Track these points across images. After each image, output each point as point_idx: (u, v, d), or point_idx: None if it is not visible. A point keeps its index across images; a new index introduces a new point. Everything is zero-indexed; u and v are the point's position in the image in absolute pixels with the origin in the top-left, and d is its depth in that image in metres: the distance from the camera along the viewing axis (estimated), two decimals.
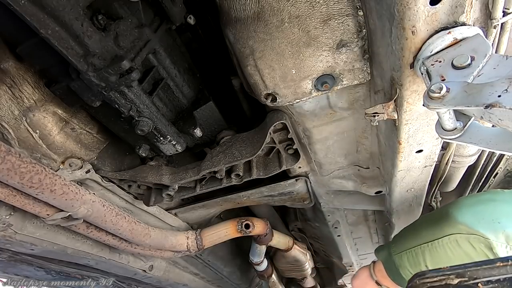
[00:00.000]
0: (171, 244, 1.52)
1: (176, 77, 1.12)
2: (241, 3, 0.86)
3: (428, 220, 1.22)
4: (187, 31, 1.19)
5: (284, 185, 1.53)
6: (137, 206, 1.46)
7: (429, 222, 1.20)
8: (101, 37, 0.81)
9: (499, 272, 0.41)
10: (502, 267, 0.42)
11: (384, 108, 0.87)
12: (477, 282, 0.42)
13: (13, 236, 1.01)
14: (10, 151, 0.76)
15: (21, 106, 0.96)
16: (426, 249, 1.17)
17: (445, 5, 0.64)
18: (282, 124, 1.19)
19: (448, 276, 0.44)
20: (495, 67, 0.60)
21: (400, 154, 1.06)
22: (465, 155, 1.28)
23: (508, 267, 0.41)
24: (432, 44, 0.68)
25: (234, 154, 1.23)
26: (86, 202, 1.00)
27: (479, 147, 0.65)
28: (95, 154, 1.20)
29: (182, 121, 1.19)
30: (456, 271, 0.44)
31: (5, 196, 0.86)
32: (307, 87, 0.96)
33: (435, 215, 1.22)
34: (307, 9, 0.83)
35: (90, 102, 0.90)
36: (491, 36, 0.76)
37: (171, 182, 1.31)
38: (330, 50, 0.88)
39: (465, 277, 0.43)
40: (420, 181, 1.29)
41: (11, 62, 0.90)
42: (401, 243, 1.26)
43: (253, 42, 0.90)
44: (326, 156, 1.38)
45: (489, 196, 1.21)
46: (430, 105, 0.62)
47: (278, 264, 2.18)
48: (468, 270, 0.43)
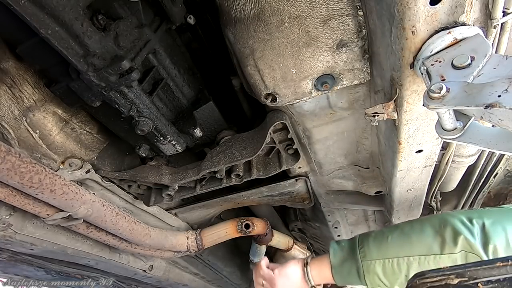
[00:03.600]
0: (171, 244, 1.52)
1: (176, 77, 1.12)
2: (241, 3, 0.86)
3: (422, 229, 1.11)
4: (187, 31, 1.19)
5: (284, 185, 1.53)
6: (137, 206, 1.46)
7: (424, 232, 1.09)
8: (101, 37, 0.81)
9: (499, 272, 0.41)
10: (502, 267, 0.42)
11: (384, 108, 0.87)
12: (477, 282, 0.42)
13: (13, 236, 1.01)
14: (10, 151, 0.76)
15: (21, 106, 0.96)
16: (415, 263, 1.08)
17: (445, 5, 0.64)
18: (282, 124, 1.19)
19: (448, 276, 0.44)
20: (495, 67, 0.60)
21: (400, 154, 1.06)
22: (465, 155, 1.28)
23: (508, 267, 0.41)
24: (432, 44, 0.68)
25: (234, 154, 1.23)
26: (86, 202, 1.00)
27: (479, 147, 0.65)
28: (95, 154, 1.20)
29: (182, 121, 1.19)
30: (456, 271, 0.44)
31: (5, 196, 0.86)
32: (307, 87, 0.96)
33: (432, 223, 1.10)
34: (307, 9, 0.83)
35: (90, 102, 0.90)
36: (491, 36, 0.76)
37: (171, 182, 1.31)
38: (330, 50, 0.88)
39: (465, 277, 0.43)
40: (420, 181, 1.29)
41: (11, 62, 0.90)
42: (377, 248, 1.14)
43: (253, 42, 0.90)
44: (326, 156, 1.38)
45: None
46: (430, 105, 0.61)
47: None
48: (468, 270, 0.43)
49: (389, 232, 1.17)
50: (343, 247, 1.24)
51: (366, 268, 1.14)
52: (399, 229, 1.16)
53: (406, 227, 1.16)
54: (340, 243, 1.26)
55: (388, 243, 1.14)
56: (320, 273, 1.26)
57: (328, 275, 1.23)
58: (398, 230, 1.16)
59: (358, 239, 1.22)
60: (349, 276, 1.20)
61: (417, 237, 1.10)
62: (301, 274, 1.29)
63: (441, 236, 1.06)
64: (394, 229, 1.18)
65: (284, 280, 1.30)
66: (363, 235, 1.23)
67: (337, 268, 1.21)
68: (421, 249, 1.08)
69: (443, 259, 1.04)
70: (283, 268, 1.32)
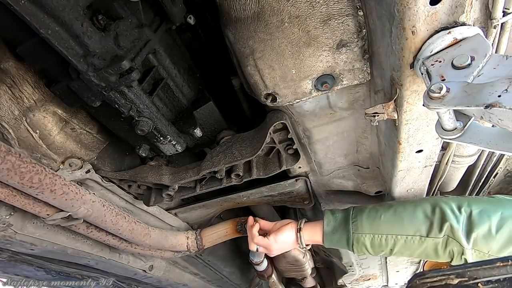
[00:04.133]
0: (171, 244, 1.52)
1: (176, 77, 1.12)
2: (241, 3, 0.86)
3: (414, 212, 1.18)
4: (187, 31, 1.19)
5: (284, 185, 1.53)
6: (137, 206, 1.46)
7: (415, 215, 1.17)
8: (101, 37, 0.81)
9: (499, 272, 0.41)
10: (502, 267, 0.42)
11: (384, 108, 0.87)
12: (477, 282, 0.42)
13: (13, 236, 1.01)
14: (10, 151, 0.76)
15: (21, 106, 0.96)
16: (401, 240, 1.17)
17: (445, 5, 0.64)
18: (282, 124, 1.19)
19: (448, 276, 0.44)
20: (495, 67, 0.60)
21: (400, 154, 1.06)
22: (465, 155, 1.28)
23: (508, 267, 0.41)
24: (432, 44, 0.68)
25: (234, 154, 1.23)
26: (86, 202, 1.00)
27: (479, 147, 0.65)
28: (95, 154, 1.20)
29: (182, 121, 1.19)
30: (456, 271, 0.44)
31: (5, 196, 0.86)
32: (307, 87, 0.96)
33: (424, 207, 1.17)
34: (307, 9, 0.83)
35: (90, 102, 0.90)
36: (491, 36, 0.76)
37: (171, 182, 1.31)
38: (330, 50, 0.88)
39: (465, 277, 0.43)
40: (420, 181, 1.29)
41: (11, 62, 0.90)
42: (370, 225, 1.23)
43: (253, 42, 0.90)
44: (326, 156, 1.38)
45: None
46: (430, 105, 0.62)
47: (278, 264, 2.17)
48: (468, 270, 0.43)
49: (382, 210, 1.24)
50: (336, 217, 1.33)
51: (356, 239, 1.24)
52: (392, 209, 1.23)
53: (399, 208, 1.23)
54: (334, 213, 1.34)
55: (380, 221, 1.22)
56: (312, 237, 1.37)
57: (318, 239, 1.35)
58: (392, 210, 1.23)
59: (352, 212, 1.30)
60: (338, 243, 1.30)
61: (408, 219, 1.18)
62: (294, 238, 1.40)
63: (430, 220, 1.14)
64: (387, 209, 1.24)
65: (279, 245, 1.42)
66: (358, 209, 1.31)
67: (328, 236, 1.31)
68: (410, 230, 1.16)
69: (428, 241, 1.13)
70: (277, 234, 1.41)
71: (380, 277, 3.24)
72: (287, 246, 1.45)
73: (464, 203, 1.13)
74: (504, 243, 1.05)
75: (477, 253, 1.08)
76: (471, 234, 1.06)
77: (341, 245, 1.30)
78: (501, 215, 1.06)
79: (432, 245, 1.13)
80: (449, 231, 1.09)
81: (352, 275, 2.96)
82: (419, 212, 1.17)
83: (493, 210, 1.08)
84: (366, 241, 1.22)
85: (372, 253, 1.25)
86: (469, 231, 1.07)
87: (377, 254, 1.25)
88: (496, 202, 1.14)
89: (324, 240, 1.32)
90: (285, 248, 1.46)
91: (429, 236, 1.13)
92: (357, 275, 3.01)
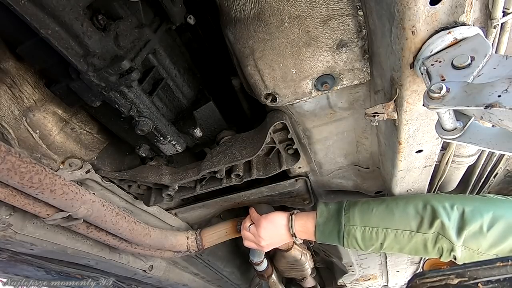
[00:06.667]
0: (171, 244, 1.52)
1: (176, 77, 1.12)
2: (241, 3, 0.86)
3: (405, 208, 1.19)
4: (187, 31, 1.19)
5: (284, 185, 1.53)
6: (137, 206, 1.46)
7: (407, 211, 1.18)
8: (101, 37, 0.81)
9: (499, 272, 0.41)
10: (502, 267, 0.42)
11: (384, 108, 0.87)
12: (477, 282, 0.42)
13: (13, 236, 1.01)
14: (10, 151, 0.76)
15: (21, 106, 0.96)
16: (392, 234, 1.18)
17: (445, 5, 0.64)
18: (282, 124, 1.19)
19: (448, 276, 0.44)
20: (495, 67, 0.60)
21: (400, 154, 1.06)
22: (465, 155, 1.28)
23: (508, 267, 0.41)
24: (432, 44, 0.68)
25: (234, 154, 1.23)
26: (86, 202, 1.00)
27: (479, 147, 0.65)
28: (95, 154, 1.20)
29: (182, 121, 1.19)
30: (456, 271, 0.44)
31: (5, 196, 0.86)
32: (307, 87, 0.96)
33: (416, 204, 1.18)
34: (307, 9, 0.83)
35: (90, 102, 0.90)
36: (491, 36, 0.76)
37: (171, 182, 1.31)
38: (330, 50, 0.88)
39: (465, 277, 0.43)
40: (420, 181, 1.29)
41: (11, 62, 0.90)
42: (361, 217, 1.23)
43: (253, 42, 0.90)
44: (326, 156, 1.38)
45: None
46: (430, 105, 0.61)
47: (278, 264, 2.17)
48: (468, 270, 0.43)
49: (375, 204, 1.25)
50: (330, 209, 1.34)
51: (347, 232, 1.25)
52: (384, 204, 1.24)
53: (392, 203, 1.24)
54: (327, 205, 1.36)
55: (372, 214, 1.23)
56: (304, 226, 1.37)
57: (310, 230, 1.34)
58: (384, 204, 1.24)
59: (345, 205, 1.31)
60: (329, 235, 1.30)
61: (399, 214, 1.19)
62: (285, 221, 1.40)
63: (420, 216, 1.15)
64: (380, 203, 1.26)
65: (268, 223, 1.42)
66: (351, 202, 1.32)
67: (320, 226, 1.32)
68: (400, 225, 1.17)
69: (417, 236, 1.14)
70: (270, 214, 1.44)
71: (380, 277, 3.24)
72: (277, 232, 1.41)
73: (457, 201, 1.14)
74: (494, 241, 1.06)
75: (466, 250, 1.09)
76: (463, 231, 1.07)
77: (332, 238, 1.29)
78: (493, 214, 1.07)
79: (422, 241, 1.14)
80: (439, 228, 1.10)
81: (352, 275, 2.96)
82: (410, 208, 1.18)
83: (485, 209, 1.09)
84: (357, 233, 1.23)
85: (363, 247, 1.25)
86: (461, 228, 1.08)
87: (367, 248, 1.25)
88: (489, 201, 1.15)
89: (316, 231, 1.32)
90: (276, 234, 1.43)
91: (418, 232, 1.14)
92: (357, 275, 3.01)
